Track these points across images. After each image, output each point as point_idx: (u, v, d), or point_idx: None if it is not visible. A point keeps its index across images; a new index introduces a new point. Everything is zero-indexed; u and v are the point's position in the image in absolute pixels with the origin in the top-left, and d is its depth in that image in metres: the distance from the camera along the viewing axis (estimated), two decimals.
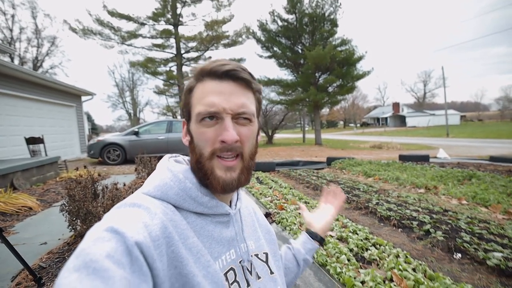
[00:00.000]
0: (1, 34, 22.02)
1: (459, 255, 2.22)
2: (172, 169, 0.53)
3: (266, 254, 0.63)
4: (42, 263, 2.08)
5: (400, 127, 47.84)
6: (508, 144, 13.98)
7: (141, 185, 0.54)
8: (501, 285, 1.80)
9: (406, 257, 2.06)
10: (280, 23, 17.38)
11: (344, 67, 16.62)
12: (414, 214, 3.08)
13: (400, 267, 1.86)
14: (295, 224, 2.75)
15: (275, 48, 18.04)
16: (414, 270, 1.87)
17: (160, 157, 5.28)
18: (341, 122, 65.98)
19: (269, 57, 18.54)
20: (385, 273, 1.84)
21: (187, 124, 0.56)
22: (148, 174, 4.95)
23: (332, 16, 16.70)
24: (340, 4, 16.50)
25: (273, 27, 17.55)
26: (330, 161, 7.95)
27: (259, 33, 17.87)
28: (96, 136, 17.84)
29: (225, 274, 0.51)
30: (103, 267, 0.32)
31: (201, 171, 0.52)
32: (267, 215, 2.85)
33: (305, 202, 3.71)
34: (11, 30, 22.38)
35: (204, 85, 0.51)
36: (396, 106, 54.24)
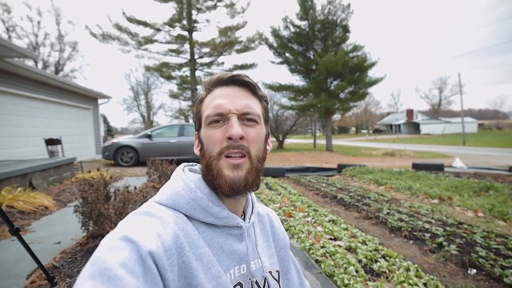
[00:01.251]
0: (27, 39, 23.15)
1: (474, 270, 2.14)
2: (185, 178, 0.54)
3: (278, 272, 0.63)
4: (56, 263, 2.14)
5: (414, 134, 46.68)
6: None
7: (152, 188, 0.56)
8: None
9: (417, 270, 2.00)
10: (292, 29, 17.46)
11: (356, 73, 16.48)
12: (427, 225, 2.99)
13: (410, 281, 1.81)
14: (303, 232, 2.73)
15: (287, 54, 18.10)
16: (425, 285, 1.82)
17: (172, 160, 5.33)
18: (353, 128, 65.03)
19: (281, 63, 18.61)
20: (394, 287, 1.80)
21: (198, 134, 0.58)
22: (159, 177, 5.03)
23: (344, 22, 16.64)
24: (352, 11, 16.44)
25: (285, 33, 17.65)
26: (341, 168, 7.85)
27: (271, 39, 17.99)
28: (111, 138, 18.30)
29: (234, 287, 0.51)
30: (117, 276, 0.33)
31: (210, 173, 0.52)
32: None
33: (314, 210, 3.67)
34: (36, 36, 23.49)
35: (213, 94, 0.56)
36: (410, 113, 53.03)
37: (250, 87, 0.56)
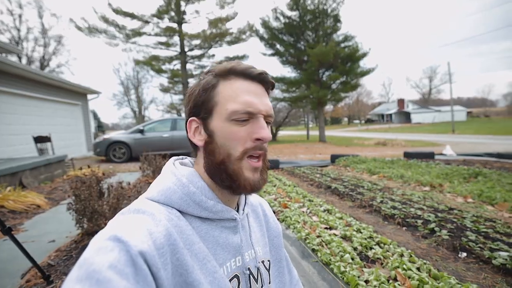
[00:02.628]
0: (9, 34, 22.28)
1: (464, 254, 2.21)
2: (176, 173, 0.52)
3: (269, 261, 0.63)
4: (51, 261, 2.12)
5: (405, 123, 47.35)
6: None
7: (146, 183, 0.54)
8: (507, 285, 1.79)
9: (411, 256, 2.06)
10: (283, 20, 17.31)
11: (347, 64, 16.51)
12: (419, 212, 3.06)
13: (404, 266, 1.86)
14: (299, 222, 2.76)
15: (278, 46, 17.99)
16: (418, 269, 1.87)
17: (165, 155, 5.29)
18: (345, 119, 65.51)
19: (272, 54, 18.50)
20: (389, 272, 1.85)
21: (204, 123, 0.53)
22: (153, 172, 4.99)
23: (335, 12, 16.56)
24: (343, 0, 16.34)
25: (276, 24, 17.49)
26: (334, 158, 7.93)
27: (262, 31, 17.81)
28: (102, 134, 17.96)
29: (229, 281, 0.51)
30: (106, 278, 0.32)
31: (226, 173, 0.50)
32: None
33: (309, 200, 3.71)
34: (18, 30, 22.63)
35: (233, 84, 0.51)
36: (401, 102, 53.67)
37: (270, 87, 0.55)
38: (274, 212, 3.04)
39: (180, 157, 0.60)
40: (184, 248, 0.44)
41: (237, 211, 0.58)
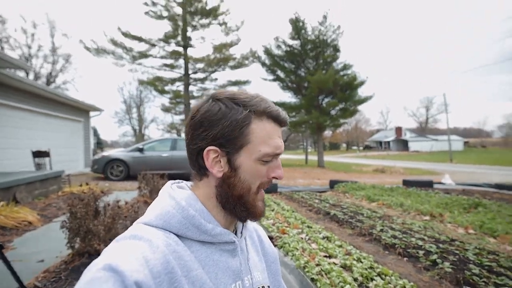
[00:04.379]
0: (20, 51, 22.96)
1: None
2: (175, 196, 0.52)
3: (268, 287, 0.62)
4: (38, 283, 2.03)
5: (402, 151, 47.58)
6: None
7: (143, 203, 0.53)
8: None
9: None
10: (284, 48, 18.00)
11: (346, 91, 16.96)
12: (420, 242, 2.99)
13: None
14: (297, 249, 2.68)
15: (279, 72, 18.56)
16: None
17: (163, 175, 5.23)
18: (344, 145, 65.90)
19: (273, 80, 19.03)
20: None
21: (228, 156, 0.52)
22: (150, 192, 4.92)
23: (334, 43, 17.29)
24: (343, 31, 17.15)
25: (277, 51, 18.16)
26: (333, 184, 7.87)
27: (264, 57, 18.45)
28: (101, 151, 17.90)
29: None
30: None
31: (243, 205, 0.53)
32: (269, 239, 2.79)
33: (308, 227, 3.64)
34: (29, 47, 23.33)
35: (266, 125, 0.52)
36: (398, 130, 54.32)
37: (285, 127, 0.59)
38: (272, 238, 2.97)
39: (177, 181, 0.60)
40: (182, 276, 0.43)
41: (235, 233, 0.58)
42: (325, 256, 2.59)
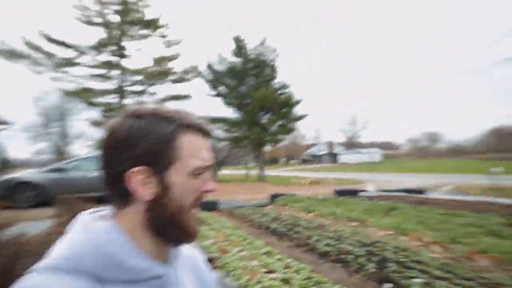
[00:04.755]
0: None
1: (390, 285, 2.41)
2: (91, 229, 0.45)
3: None
4: None
5: (333, 163, 52.62)
6: (419, 178, 16.49)
7: (61, 235, 0.45)
8: None
9: None
10: (227, 65, 18.46)
11: (284, 109, 18.16)
12: (350, 248, 3.27)
13: None
14: (239, 268, 2.64)
15: (221, 88, 18.83)
16: None
17: (88, 198, 4.61)
18: (283, 159, 69.36)
19: (216, 95, 19.17)
20: None
21: (157, 173, 0.48)
22: (69, 220, 4.27)
23: (272, 63, 18.53)
24: (278, 54, 18.63)
25: (220, 67, 18.49)
26: (274, 197, 8.13)
27: (206, 72, 18.52)
28: (7, 172, 14.91)
29: None
30: None
31: (176, 225, 0.49)
32: (209, 261, 2.69)
33: (249, 243, 3.64)
34: None
35: (192, 139, 0.50)
36: (330, 144, 60.24)
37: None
38: (211, 260, 2.87)
39: (97, 209, 0.53)
40: None
41: (168, 262, 0.53)
42: (266, 272, 2.61)
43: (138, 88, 18.01)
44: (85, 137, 35.34)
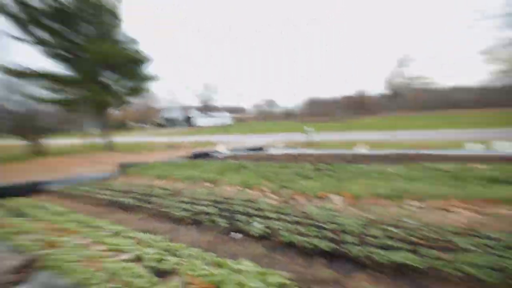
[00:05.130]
0: None
1: (240, 235, 2.75)
2: None
3: None
4: None
5: (190, 127, 53.36)
6: (264, 138, 19.59)
7: None
8: (266, 250, 2.42)
9: (200, 253, 2.24)
10: (50, 2, 13.38)
11: (131, 67, 15.86)
12: (205, 208, 3.45)
13: (194, 266, 1.98)
14: (78, 261, 2.18)
15: (41, 32, 13.75)
16: (206, 263, 2.07)
17: None
18: (135, 124, 62.93)
19: (35, 43, 13.87)
20: (181, 279, 1.89)
21: None
22: None
23: (114, 10, 15.26)
24: None
25: (37, 3, 13.18)
26: (123, 168, 7.26)
27: (15, 8, 12.82)
28: None
29: None
30: None
31: None
32: (28, 264, 2.07)
33: (91, 227, 3.09)
34: None
35: None
36: (186, 109, 60.07)
37: None
38: (33, 261, 2.21)
39: None
40: None
41: None
42: (116, 255, 2.31)
43: None
44: None
